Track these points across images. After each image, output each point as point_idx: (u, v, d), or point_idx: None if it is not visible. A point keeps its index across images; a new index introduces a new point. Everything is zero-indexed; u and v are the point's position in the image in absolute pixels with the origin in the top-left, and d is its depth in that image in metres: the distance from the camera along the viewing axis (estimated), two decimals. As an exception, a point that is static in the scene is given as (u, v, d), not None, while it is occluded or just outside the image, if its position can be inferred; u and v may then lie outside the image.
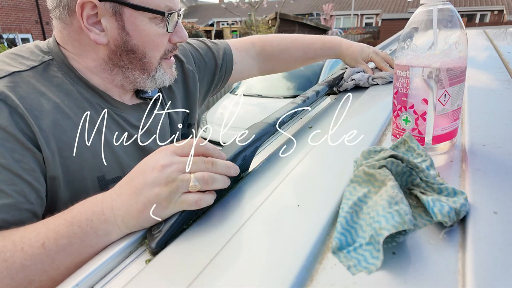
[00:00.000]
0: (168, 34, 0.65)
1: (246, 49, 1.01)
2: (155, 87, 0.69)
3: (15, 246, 0.42)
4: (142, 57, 0.64)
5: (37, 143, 0.54)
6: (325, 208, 0.41)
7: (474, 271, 0.30)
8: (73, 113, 0.59)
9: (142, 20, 0.60)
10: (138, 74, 0.65)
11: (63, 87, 0.60)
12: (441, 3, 0.49)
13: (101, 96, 0.65)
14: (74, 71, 0.62)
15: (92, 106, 0.63)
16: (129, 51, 0.62)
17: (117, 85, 0.67)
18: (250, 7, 13.54)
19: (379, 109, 0.77)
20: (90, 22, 0.58)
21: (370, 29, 19.97)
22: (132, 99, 0.72)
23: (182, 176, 0.42)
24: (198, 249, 0.37)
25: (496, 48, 1.43)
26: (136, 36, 0.61)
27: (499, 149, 0.51)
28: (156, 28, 0.62)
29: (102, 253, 0.40)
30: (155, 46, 0.64)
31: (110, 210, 0.43)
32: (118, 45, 0.61)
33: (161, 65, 0.67)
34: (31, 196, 0.51)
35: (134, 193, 0.42)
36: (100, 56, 0.62)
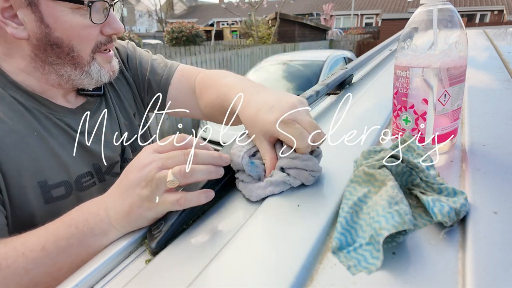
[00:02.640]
0: (97, 25, 0.59)
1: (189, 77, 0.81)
2: (93, 84, 0.64)
3: (17, 252, 0.42)
4: (69, 51, 0.59)
5: None
6: (325, 208, 0.41)
7: (474, 271, 0.30)
8: (7, 117, 0.56)
9: (62, 11, 0.55)
10: (70, 70, 0.60)
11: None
12: (441, 3, 0.49)
13: (37, 100, 0.61)
14: (6, 75, 0.58)
15: (28, 110, 0.59)
16: (53, 44, 0.57)
17: (54, 85, 0.62)
18: (250, 7, 13.55)
19: (379, 109, 0.77)
20: (6, 16, 0.54)
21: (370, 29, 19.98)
22: (77, 99, 0.68)
23: (159, 174, 0.40)
24: (198, 249, 0.37)
25: (496, 48, 1.43)
26: (58, 28, 0.56)
27: (499, 149, 0.51)
28: (81, 19, 0.57)
29: (102, 253, 0.40)
30: (83, 39, 0.59)
31: (104, 211, 0.43)
32: (39, 39, 0.56)
33: (95, 59, 0.62)
34: None
35: (121, 195, 0.43)
36: (26, 53, 0.58)
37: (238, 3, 18.43)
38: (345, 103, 0.86)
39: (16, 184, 0.56)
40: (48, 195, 0.59)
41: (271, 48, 9.49)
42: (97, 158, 0.67)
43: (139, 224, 0.42)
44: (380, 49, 1.68)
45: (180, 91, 0.81)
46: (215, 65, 7.07)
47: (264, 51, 9.04)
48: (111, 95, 0.74)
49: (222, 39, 18.10)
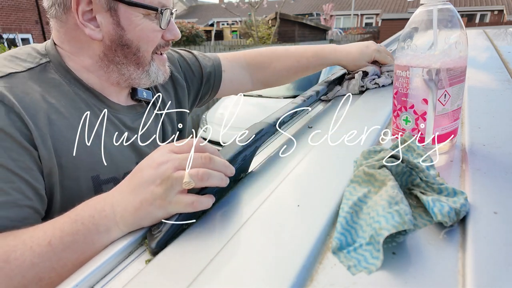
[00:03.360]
0: (161, 30, 0.66)
1: (236, 59, 1.01)
2: (150, 83, 0.70)
3: (25, 245, 0.43)
4: (136, 51, 0.65)
5: (33, 142, 0.54)
6: (325, 208, 0.41)
7: (474, 271, 0.30)
8: (69, 113, 0.60)
9: (136, 16, 0.62)
10: (133, 69, 0.66)
11: (60, 88, 0.61)
12: (441, 3, 0.49)
13: (97, 97, 0.66)
14: (71, 72, 0.63)
15: (88, 107, 0.64)
16: (123, 45, 0.63)
17: (113, 83, 0.67)
18: (250, 7, 13.55)
19: (379, 109, 0.77)
20: (85, 18, 0.59)
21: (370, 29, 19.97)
22: (127, 100, 0.73)
23: (176, 174, 0.41)
24: (198, 249, 0.37)
25: (496, 48, 1.43)
26: (131, 30, 0.62)
27: (499, 149, 0.51)
28: (150, 23, 0.64)
29: (102, 253, 0.40)
30: (149, 41, 0.66)
31: (110, 207, 0.44)
32: (113, 40, 0.62)
33: (153, 60, 0.69)
34: (29, 193, 0.52)
35: (132, 190, 0.43)
36: (96, 53, 0.64)
37: (238, 3, 18.43)
38: (345, 103, 0.86)
39: (72, 176, 0.59)
40: (99, 190, 0.63)
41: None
42: (141, 156, 0.71)
43: (144, 223, 0.42)
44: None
45: (234, 73, 0.98)
46: (215, 65, 7.04)
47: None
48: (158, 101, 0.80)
49: (222, 39, 18.09)
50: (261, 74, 1.02)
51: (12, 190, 0.50)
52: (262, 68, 1.01)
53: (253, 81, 1.02)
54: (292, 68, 1.01)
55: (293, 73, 1.02)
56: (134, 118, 0.72)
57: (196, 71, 0.92)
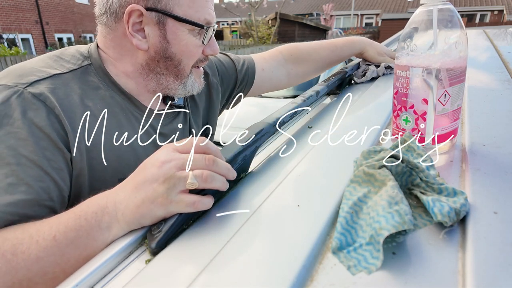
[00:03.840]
0: (202, 45, 0.69)
1: (274, 56, 1.05)
2: (184, 94, 0.72)
3: (32, 238, 0.44)
4: (177, 64, 0.67)
5: (68, 144, 0.57)
6: (325, 208, 0.41)
7: (474, 271, 0.30)
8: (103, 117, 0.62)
9: (182, 31, 0.65)
10: (172, 80, 0.69)
11: (98, 92, 0.64)
12: (441, 3, 0.49)
13: (132, 101, 0.68)
14: (109, 76, 0.66)
15: (122, 110, 0.66)
16: (166, 58, 0.66)
17: (150, 91, 0.70)
18: (250, 7, 13.55)
19: (379, 109, 0.77)
20: (134, 29, 0.62)
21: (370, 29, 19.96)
22: (160, 105, 0.75)
23: (180, 173, 0.42)
24: (198, 249, 0.37)
25: (496, 48, 1.43)
26: (176, 44, 0.65)
27: (499, 149, 0.51)
28: (193, 39, 0.66)
29: (102, 253, 0.40)
30: (191, 56, 0.68)
31: (112, 204, 0.44)
32: (157, 52, 0.65)
33: (192, 73, 0.71)
34: (54, 193, 0.54)
35: (135, 188, 0.43)
36: (138, 61, 0.66)
37: (238, 3, 18.43)
38: (345, 103, 0.86)
39: (101, 178, 0.61)
40: None
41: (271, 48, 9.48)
42: None
43: (145, 221, 0.42)
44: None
45: (273, 71, 1.02)
46: (215, 65, 7.04)
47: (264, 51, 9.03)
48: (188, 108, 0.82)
49: (222, 39, 18.09)
50: (301, 67, 1.07)
51: (40, 189, 0.52)
52: (301, 62, 1.06)
53: (290, 76, 1.06)
54: (328, 58, 1.08)
55: (328, 62, 1.10)
56: (165, 123, 0.74)
57: (232, 74, 0.95)
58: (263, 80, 1.01)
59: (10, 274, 0.42)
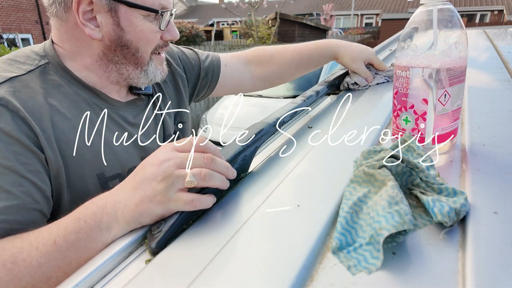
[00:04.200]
0: (160, 31, 0.67)
1: (238, 55, 1.03)
2: (148, 82, 0.71)
3: (31, 245, 0.44)
4: (135, 52, 0.66)
5: (39, 145, 0.55)
6: (325, 208, 0.41)
7: (474, 271, 0.30)
8: (71, 114, 0.61)
9: (136, 17, 0.63)
10: (132, 69, 0.67)
11: (60, 90, 0.62)
12: (441, 3, 0.49)
13: (98, 95, 0.67)
14: (70, 72, 0.64)
15: (90, 106, 0.65)
16: (123, 46, 0.64)
17: (113, 82, 0.68)
18: (250, 7, 13.55)
19: (379, 109, 0.77)
20: (85, 18, 0.60)
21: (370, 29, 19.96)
22: (127, 96, 0.74)
23: (179, 172, 0.42)
24: (198, 249, 0.37)
25: (496, 48, 1.43)
26: (131, 31, 0.63)
27: (499, 149, 0.51)
28: (150, 25, 0.65)
29: (102, 253, 0.40)
30: (148, 42, 0.66)
31: (112, 204, 0.44)
32: (112, 40, 0.63)
33: (152, 59, 0.70)
34: (37, 196, 0.53)
35: (134, 187, 0.43)
36: (95, 52, 0.64)
37: (238, 3, 18.43)
38: (345, 103, 0.86)
39: (79, 176, 0.61)
40: (106, 187, 0.64)
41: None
42: (144, 151, 0.73)
43: (144, 220, 0.43)
44: (380, 49, 1.68)
45: (235, 69, 0.99)
46: (215, 65, 7.03)
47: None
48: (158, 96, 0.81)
49: (222, 39, 18.09)
50: (263, 69, 1.01)
51: (22, 194, 0.51)
52: (264, 63, 1.01)
53: (254, 78, 1.02)
54: (294, 61, 1.00)
55: (294, 67, 1.01)
56: (135, 113, 0.73)
57: (195, 64, 0.93)
58: (226, 77, 0.98)
59: (13, 282, 0.42)
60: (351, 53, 0.96)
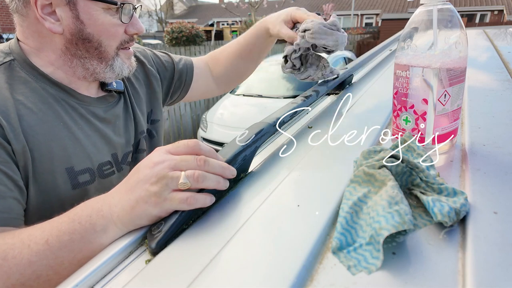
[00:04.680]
0: (123, 24, 0.67)
1: (201, 59, 1.06)
2: (115, 77, 0.71)
3: (23, 243, 0.44)
4: (98, 46, 0.65)
5: (6, 137, 0.56)
6: (325, 208, 0.41)
7: (474, 271, 0.30)
8: (37, 108, 0.61)
9: (96, 10, 0.62)
10: (96, 63, 0.67)
11: (27, 85, 0.62)
12: (441, 3, 0.49)
13: (66, 91, 0.67)
14: (37, 69, 0.64)
15: (57, 101, 0.65)
16: (84, 39, 0.64)
17: (80, 78, 0.68)
18: (250, 7, 13.54)
19: (379, 109, 0.77)
20: (45, 12, 0.60)
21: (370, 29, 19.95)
22: (98, 92, 0.74)
23: (172, 173, 0.42)
24: (198, 249, 0.37)
25: (496, 48, 1.43)
26: (91, 25, 0.63)
27: (499, 149, 0.51)
28: (110, 18, 0.64)
29: (102, 253, 0.40)
30: (110, 36, 0.66)
31: (108, 207, 0.44)
32: (73, 34, 0.63)
33: (118, 54, 0.69)
34: (10, 185, 0.55)
35: (129, 190, 0.44)
36: (58, 47, 0.64)
37: (238, 3, 18.42)
38: (345, 103, 0.86)
39: (47, 170, 0.61)
40: (75, 181, 0.64)
41: (271, 48, 9.49)
42: (115, 147, 0.73)
43: (141, 222, 0.43)
44: (380, 49, 1.68)
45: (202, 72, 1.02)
46: (215, 65, 7.04)
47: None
48: (129, 93, 0.81)
49: (222, 39, 18.09)
50: (218, 68, 1.04)
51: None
52: (216, 61, 1.04)
53: (214, 79, 1.05)
54: (236, 51, 1.00)
55: (239, 56, 1.00)
56: (106, 109, 0.73)
57: (168, 66, 0.95)
58: (197, 80, 1.00)
59: (2, 279, 0.42)
60: (272, 20, 0.88)
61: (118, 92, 0.78)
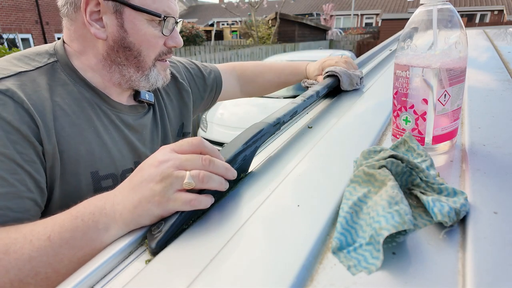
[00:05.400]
0: (163, 37, 0.69)
1: (230, 71, 1.12)
2: (149, 87, 0.73)
3: (25, 238, 0.44)
4: (137, 55, 0.68)
5: (39, 137, 0.57)
6: (325, 208, 0.41)
7: (474, 271, 0.30)
8: (72, 111, 0.63)
9: (140, 20, 0.65)
10: (133, 71, 0.69)
11: (65, 87, 0.65)
12: (441, 3, 0.49)
13: (100, 96, 0.69)
14: (76, 72, 0.67)
15: (90, 105, 0.67)
16: (125, 47, 0.66)
17: (115, 84, 0.70)
18: (250, 7, 13.55)
19: (379, 109, 0.77)
20: (92, 18, 0.63)
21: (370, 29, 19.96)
22: (129, 101, 0.76)
23: (177, 173, 0.42)
24: (198, 249, 0.37)
25: (496, 48, 1.43)
26: (133, 34, 0.66)
27: (499, 149, 0.51)
28: (152, 30, 0.67)
29: (102, 253, 0.40)
30: (150, 46, 0.68)
31: (111, 205, 0.44)
32: (115, 41, 0.66)
33: (155, 65, 0.72)
34: (31, 185, 0.55)
35: (132, 189, 0.44)
36: (99, 52, 0.67)
37: (238, 3, 18.42)
38: (345, 103, 0.86)
39: (73, 171, 0.62)
40: (97, 185, 0.65)
41: (271, 48, 9.50)
42: (139, 156, 0.75)
43: (143, 221, 0.42)
44: (380, 49, 1.68)
45: (230, 84, 1.11)
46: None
47: (264, 51, 9.05)
48: (160, 106, 0.84)
49: (222, 39, 18.09)
50: (248, 87, 1.16)
51: (16, 182, 0.52)
52: (249, 82, 1.15)
53: (242, 91, 1.16)
54: (274, 83, 1.17)
55: (275, 87, 1.18)
56: (135, 118, 0.75)
57: (199, 82, 0.99)
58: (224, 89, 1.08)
59: (1, 273, 0.42)
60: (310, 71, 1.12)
61: (149, 104, 0.80)
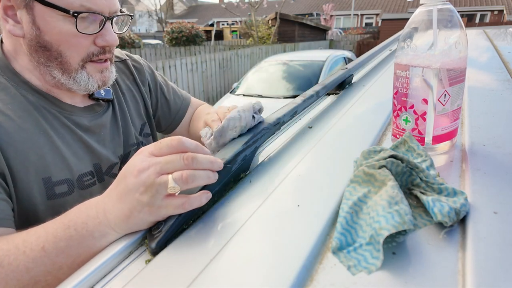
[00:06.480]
0: (88, 35, 0.61)
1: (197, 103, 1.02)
2: (83, 91, 0.66)
3: (18, 249, 0.43)
4: (57, 56, 0.61)
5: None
6: (325, 208, 0.41)
7: (474, 271, 0.30)
8: (17, 116, 0.59)
9: (52, 17, 0.57)
10: (58, 74, 0.62)
11: (7, 92, 0.60)
12: (441, 3, 0.49)
13: (47, 99, 0.64)
14: (18, 75, 0.62)
15: (37, 109, 0.62)
16: (42, 47, 0.60)
17: (54, 85, 0.65)
18: (250, 7, 13.55)
19: (379, 109, 0.77)
20: (9, 14, 0.58)
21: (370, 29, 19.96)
22: (84, 100, 0.71)
23: (160, 179, 0.39)
24: (198, 249, 0.37)
25: (496, 48, 1.43)
26: (48, 32, 0.58)
27: (499, 149, 0.51)
28: (71, 27, 0.59)
29: (102, 253, 0.40)
30: (71, 46, 0.60)
31: (103, 214, 0.43)
32: (31, 40, 0.59)
33: (84, 67, 0.64)
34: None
35: (120, 199, 0.42)
36: (24, 51, 0.61)
37: (238, 3, 18.42)
38: (345, 103, 0.86)
39: (23, 179, 0.58)
40: (51, 191, 0.62)
41: (271, 48, 9.50)
42: (99, 158, 0.70)
43: (140, 227, 0.42)
44: (380, 49, 1.68)
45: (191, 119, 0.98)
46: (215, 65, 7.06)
47: (264, 51, 9.05)
48: (120, 102, 0.78)
49: (222, 39, 18.09)
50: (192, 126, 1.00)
51: None
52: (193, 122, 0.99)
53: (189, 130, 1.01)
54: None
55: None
56: (91, 118, 0.70)
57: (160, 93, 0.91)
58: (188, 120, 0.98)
59: (0, 285, 0.42)
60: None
61: (107, 101, 0.74)
